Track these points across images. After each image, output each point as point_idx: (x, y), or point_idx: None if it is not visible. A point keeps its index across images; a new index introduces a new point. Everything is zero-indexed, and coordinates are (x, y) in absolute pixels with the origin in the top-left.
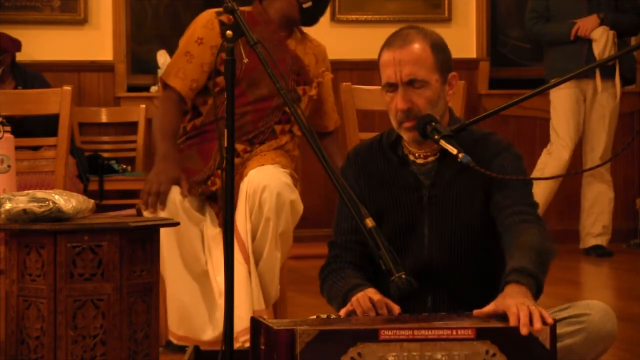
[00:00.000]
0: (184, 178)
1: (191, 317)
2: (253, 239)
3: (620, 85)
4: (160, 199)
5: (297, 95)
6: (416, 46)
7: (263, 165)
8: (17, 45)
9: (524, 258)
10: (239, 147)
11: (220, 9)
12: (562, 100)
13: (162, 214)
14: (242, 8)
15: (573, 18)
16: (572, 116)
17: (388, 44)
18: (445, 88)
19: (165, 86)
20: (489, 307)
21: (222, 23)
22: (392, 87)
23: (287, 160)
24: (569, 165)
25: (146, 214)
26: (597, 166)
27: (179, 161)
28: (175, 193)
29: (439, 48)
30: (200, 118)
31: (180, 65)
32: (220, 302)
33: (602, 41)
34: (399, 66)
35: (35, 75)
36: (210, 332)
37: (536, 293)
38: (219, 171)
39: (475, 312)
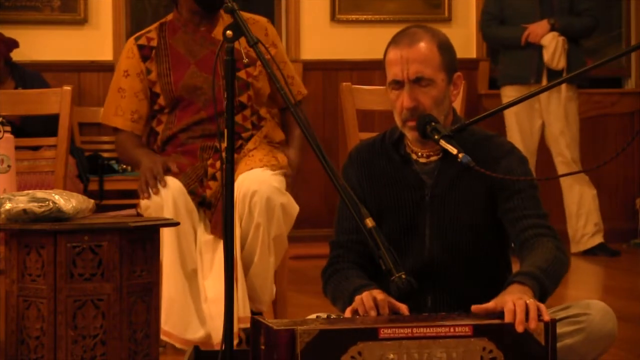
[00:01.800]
0: (172, 160)
1: (177, 313)
2: (243, 245)
3: (575, 88)
4: (159, 179)
5: (244, 81)
6: (424, 45)
7: (252, 168)
8: (10, 44)
9: (532, 265)
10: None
11: (139, 33)
12: (510, 110)
13: (152, 210)
14: (163, 20)
15: (526, 22)
16: (521, 124)
17: (395, 42)
18: (450, 88)
19: (113, 129)
20: (489, 305)
21: (140, 47)
22: (398, 84)
23: (274, 157)
24: None
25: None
26: (598, 166)
27: (161, 156)
28: (175, 182)
29: (446, 48)
30: (159, 137)
31: (116, 102)
32: (205, 306)
33: (551, 47)
34: (406, 64)
35: (34, 75)
36: (194, 330)
37: (540, 297)
38: (211, 181)
39: (474, 307)
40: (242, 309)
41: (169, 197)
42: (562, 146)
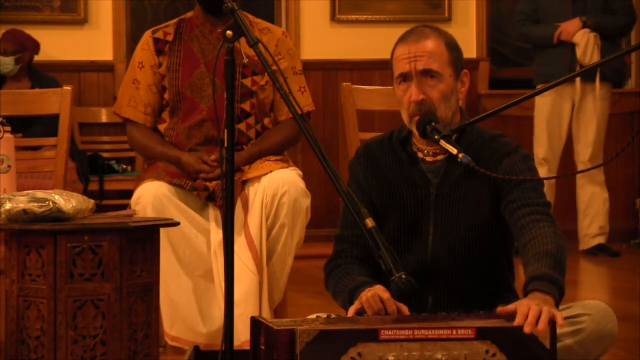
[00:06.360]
0: (202, 154)
1: (184, 317)
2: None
3: (610, 86)
4: (208, 163)
5: (247, 89)
6: (432, 41)
7: (271, 170)
8: (36, 46)
9: (542, 264)
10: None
11: (157, 27)
12: (540, 109)
13: (149, 211)
14: (183, 16)
15: (559, 20)
16: (550, 126)
17: (403, 39)
18: (458, 85)
19: (125, 119)
20: (511, 306)
21: (155, 40)
22: (406, 78)
23: (286, 159)
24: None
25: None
26: (596, 166)
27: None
28: (160, 189)
29: (453, 46)
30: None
31: (130, 94)
32: (219, 311)
33: (582, 44)
34: (414, 57)
35: (50, 80)
36: (203, 332)
37: (559, 297)
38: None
39: (499, 309)
40: (265, 314)
41: (149, 201)
42: (584, 144)
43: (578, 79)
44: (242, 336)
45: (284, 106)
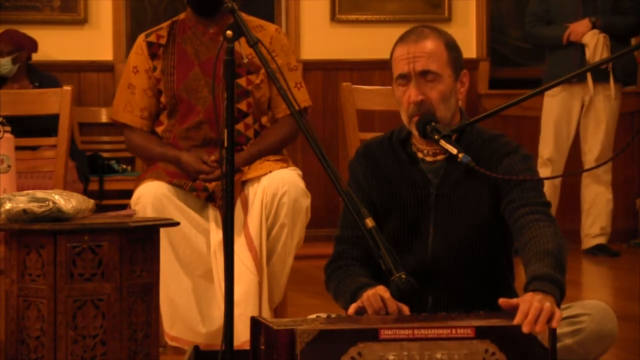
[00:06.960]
0: (202, 154)
1: (184, 317)
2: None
3: (621, 86)
4: (208, 163)
5: (243, 89)
6: (431, 41)
7: (271, 170)
8: (34, 44)
9: (543, 264)
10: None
11: (151, 30)
12: (549, 109)
13: (149, 211)
14: (176, 18)
15: (569, 21)
16: (559, 126)
17: (402, 39)
18: (457, 85)
19: (122, 125)
20: (515, 300)
21: (149, 44)
22: (405, 79)
23: (286, 159)
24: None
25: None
26: (596, 167)
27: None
28: (160, 189)
29: (452, 46)
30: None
31: (126, 99)
32: (219, 311)
33: (592, 44)
34: (412, 58)
35: (51, 79)
36: (203, 332)
37: (560, 297)
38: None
39: (501, 300)
40: (265, 314)
41: (149, 201)
42: (592, 144)
43: (590, 79)
44: (242, 336)
45: (281, 103)
